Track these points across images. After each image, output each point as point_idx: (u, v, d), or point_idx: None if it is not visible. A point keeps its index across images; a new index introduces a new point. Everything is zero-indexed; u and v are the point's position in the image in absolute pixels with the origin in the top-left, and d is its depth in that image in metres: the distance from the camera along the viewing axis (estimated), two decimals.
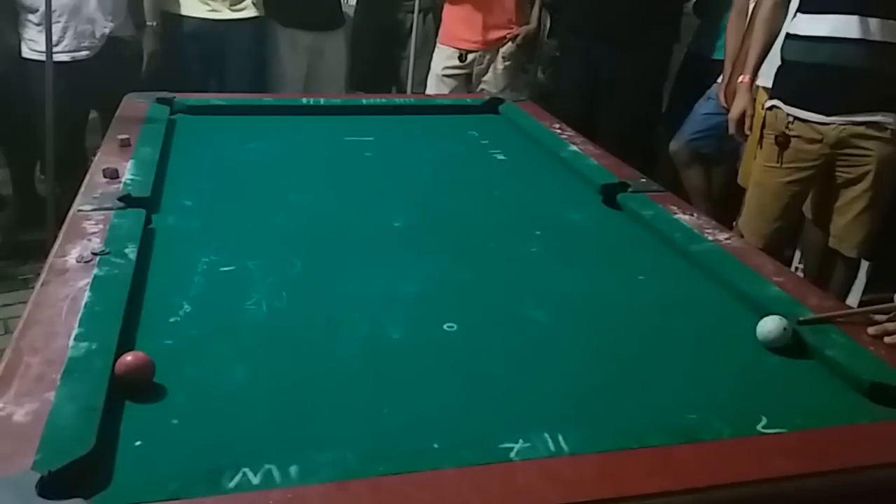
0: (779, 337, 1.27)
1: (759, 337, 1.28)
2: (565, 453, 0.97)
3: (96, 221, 1.54)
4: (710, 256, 1.55)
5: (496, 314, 1.36)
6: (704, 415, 1.08)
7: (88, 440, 0.93)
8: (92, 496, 0.86)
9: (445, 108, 2.68)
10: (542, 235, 1.70)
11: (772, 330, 1.27)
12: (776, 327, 1.27)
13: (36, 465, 0.88)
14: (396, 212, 1.77)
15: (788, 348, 1.27)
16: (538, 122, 2.40)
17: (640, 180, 1.94)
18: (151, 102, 2.34)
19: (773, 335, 1.27)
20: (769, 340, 1.27)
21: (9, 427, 0.96)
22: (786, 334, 1.27)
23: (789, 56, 2.43)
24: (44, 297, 1.27)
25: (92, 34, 3.16)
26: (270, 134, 2.27)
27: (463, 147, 2.29)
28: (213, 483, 0.89)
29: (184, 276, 1.42)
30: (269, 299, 1.35)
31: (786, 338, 1.27)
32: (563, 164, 2.10)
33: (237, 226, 1.66)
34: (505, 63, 3.77)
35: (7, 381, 1.05)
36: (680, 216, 1.73)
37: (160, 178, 1.83)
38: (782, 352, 1.27)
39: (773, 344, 1.27)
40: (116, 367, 1.08)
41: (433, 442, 0.99)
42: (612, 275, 1.54)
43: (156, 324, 1.24)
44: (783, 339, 1.27)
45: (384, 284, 1.44)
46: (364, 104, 2.60)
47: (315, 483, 0.89)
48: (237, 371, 1.15)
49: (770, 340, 1.27)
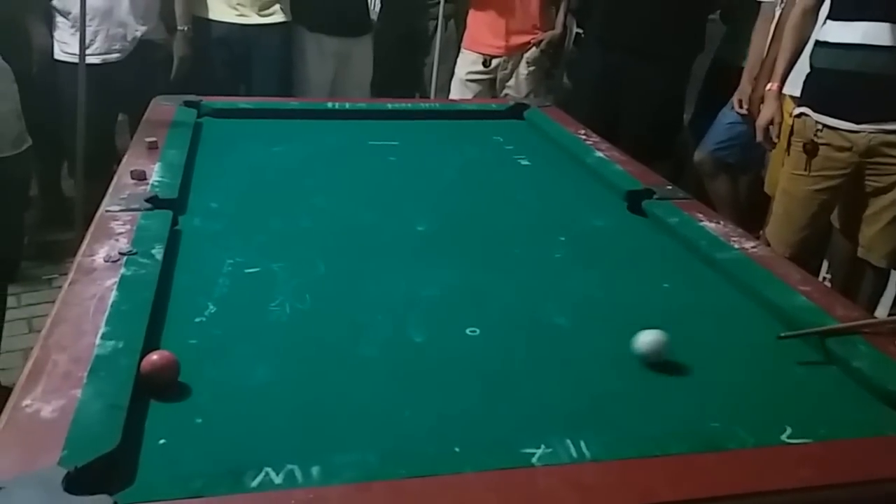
0: (651, 352, 1.23)
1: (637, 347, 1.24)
2: (587, 459, 0.96)
3: (124, 222, 1.56)
4: (736, 265, 1.54)
5: (518, 319, 1.36)
6: (728, 423, 1.07)
7: (114, 437, 0.94)
8: (117, 493, 0.87)
9: (470, 113, 2.68)
10: (565, 241, 1.69)
11: (646, 343, 1.23)
12: (653, 341, 1.23)
13: (62, 461, 0.89)
14: (420, 216, 1.77)
15: (812, 360, 1.26)
16: (563, 128, 2.40)
17: (666, 187, 1.93)
18: (179, 105, 2.37)
19: (646, 349, 1.23)
20: (643, 354, 1.23)
21: (36, 423, 0.97)
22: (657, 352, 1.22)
23: (819, 63, 2.41)
24: (71, 295, 1.29)
25: (123, 37, 3.21)
26: (296, 137, 2.29)
27: (487, 152, 2.30)
28: (236, 482, 0.89)
29: (209, 277, 1.43)
30: (293, 301, 1.36)
31: (657, 355, 1.23)
32: (588, 169, 2.10)
33: (262, 228, 1.68)
34: (529, 68, 3.76)
35: (35, 378, 1.06)
36: (706, 224, 1.72)
37: (187, 181, 1.85)
38: (807, 362, 1.26)
39: (647, 358, 1.23)
40: (142, 365, 1.09)
41: (454, 446, 0.99)
42: (636, 281, 1.53)
43: (181, 324, 1.25)
44: (655, 355, 1.23)
45: (407, 288, 1.44)
46: (389, 108, 2.61)
47: (337, 484, 0.89)
48: (260, 371, 1.16)
49: (644, 354, 1.23)
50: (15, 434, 0.96)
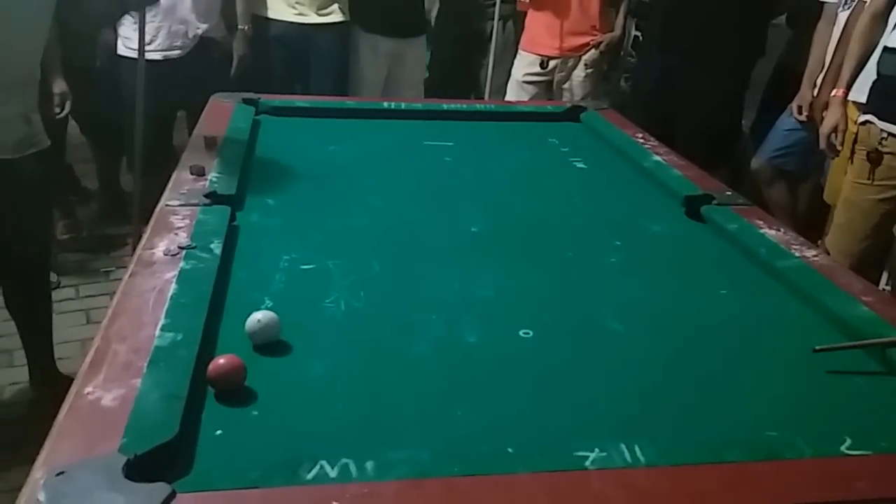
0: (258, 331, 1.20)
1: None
2: (641, 464, 0.95)
3: (183, 216, 1.58)
4: (797, 273, 1.51)
5: (573, 322, 1.35)
6: (785, 433, 1.05)
7: (172, 427, 0.96)
8: (174, 481, 0.88)
9: (526, 115, 2.67)
10: (621, 245, 1.68)
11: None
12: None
13: (122, 448, 0.91)
14: (474, 217, 1.77)
15: (873, 371, 1.23)
16: (620, 131, 2.38)
17: (726, 193, 1.90)
18: (237, 103, 2.40)
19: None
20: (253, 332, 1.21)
21: (98, 411, 0.99)
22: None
23: (886, 70, 2.35)
24: (132, 287, 1.31)
25: (184, 34, 3.26)
26: (351, 137, 2.31)
27: (542, 154, 2.29)
28: (291, 474, 0.90)
29: (266, 273, 1.45)
30: (348, 298, 1.37)
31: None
32: (646, 174, 2.08)
33: (318, 225, 1.69)
34: (587, 70, 3.73)
35: (96, 367, 1.08)
36: (766, 231, 1.68)
37: (244, 177, 1.88)
38: (868, 372, 1.23)
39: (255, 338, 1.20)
40: (210, 370, 1.09)
41: (507, 446, 0.99)
42: (693, 288, 1.51)
43: (238, 318, 1.26)
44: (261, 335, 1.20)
45: (460, 288, 1.44)
46: (444, 109, 2.61)
47: (390, 479, 0.90)
48: (316, 367, 1.17)
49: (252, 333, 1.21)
50: (77, 421, 0.98)
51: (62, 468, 0.88)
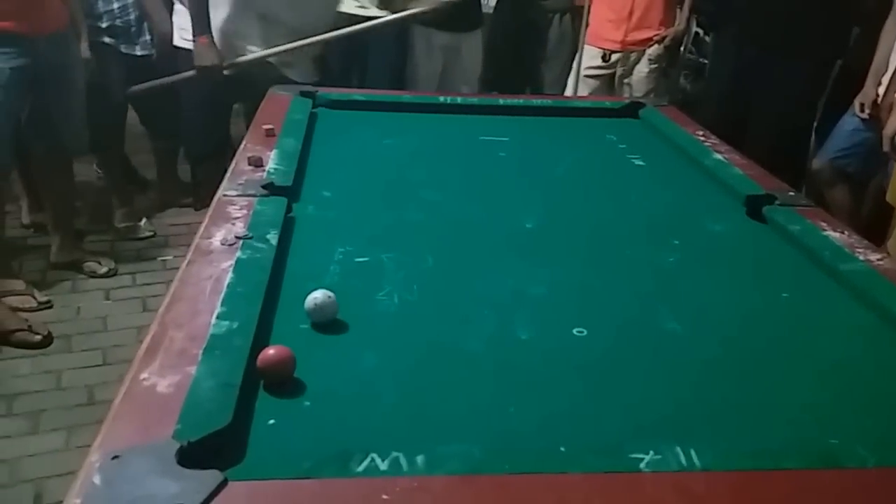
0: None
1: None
2: (697, 469, 0.93)
3: (240, 207, 1.60)
4: (861, 277, 1.46)
5: (628, 322, 1.33)
6: (848, 441, 1.02)
7: (226, 415, 0.96)
8: (227, 469, 0.89)
9: (583, 111, 2.64)
10: (680, 245, 1.64)
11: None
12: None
13: (176, 434, 0.92)
14: (528, 213, 1.75)
15: None
16: (680, 128, 2.33)
17: (789, 193, 1.85)
18: (295, 95, 2.42)
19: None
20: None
21: (153, 397, 1.00)
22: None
23: None
24: (189, 275, 1.33)
25: None
26: (407, 130, 2.31)
27: (599, 151, 2.26)
28: (342, 465, 0.91)
29: (321, 264, 1.45)
30: (401, 292, 1.37)
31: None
32: (706, 172, 2.03)
33: (372, 218, 1.70)
34: (651, 66, 3.67)
35: (153, 353, 1.10)
36: (829, 233, 1.63)
37: (301, 169, 1.89)
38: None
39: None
40: (260, 360, 1.09)
41: (560, 445, 0.97)
42: (753, 290, 1.47)
43: (293, 308, 1.27)
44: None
45: (513, 285, 1.43)
46: (501, 104, 2.60)
47: (441, 474, 0.89)
48: (368, 359, 1.17)
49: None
50: (132, 406, 1.00)
51: (117, 453, 0.89)
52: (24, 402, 2.49)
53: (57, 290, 3.14)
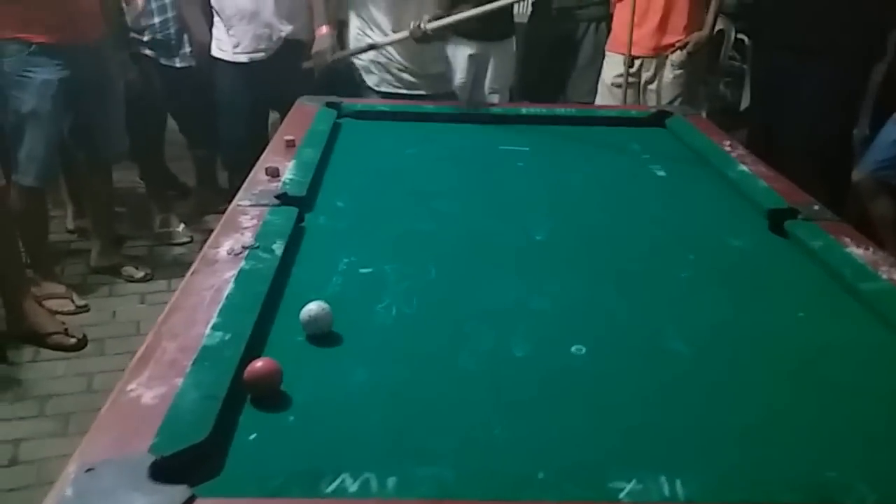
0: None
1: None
2: (679, 500, 0.90)
3: (252, 216, 1.61)
4: (882, 296, 1.40)
5: (630, 341, 1.29)
6: (846, 475, 0.97)
7: (204, 429, 0.96)
8: (198, 484, 0.88)
9: (608, 120, 2.59)
10: (695, 260, 1.60)
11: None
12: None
13: (152, 448, 0.92)
14: (540, 225, 1.73)
15: None
16: (707, 138, 2.27)
17: (813, 207, 1.78)
18: (321, 106, 2.43)
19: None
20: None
21: (136, 408, 1.01)
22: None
23: None
24: (191, 285, 1.33)
25: (269, 37, 3.31)
26: (430, 140, 2.30)
27: (621, 161, 2.21)
28: (311, 485, 0.89)
29: (324, 275, 1.45)
30: (400, 304, 1.35)
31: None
32: (730, 184, 1.97)
33: (382, 229, 1.68)
34: (675, 72, 3.58)
35: (144, 363, 1.10)
36: (853, 249, 1.57)
37: (318, 179, 1.89)
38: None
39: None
40: (246, 373, 1.08)
41: (539, 471, 0.94)
42: (768, 309, 1.42)
43: (290, 319, 1.26)
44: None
45: (516, 299, 1.40)
46: (523, 114, 2.57)
47: (409, 499, 0.87)
48: (358, 374, 1.15)
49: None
50: (115, 417, 1.00)
51: (91, 465, 0.89)
52: (56, 404, 2.54)
53: (95, 294, 3.20)
